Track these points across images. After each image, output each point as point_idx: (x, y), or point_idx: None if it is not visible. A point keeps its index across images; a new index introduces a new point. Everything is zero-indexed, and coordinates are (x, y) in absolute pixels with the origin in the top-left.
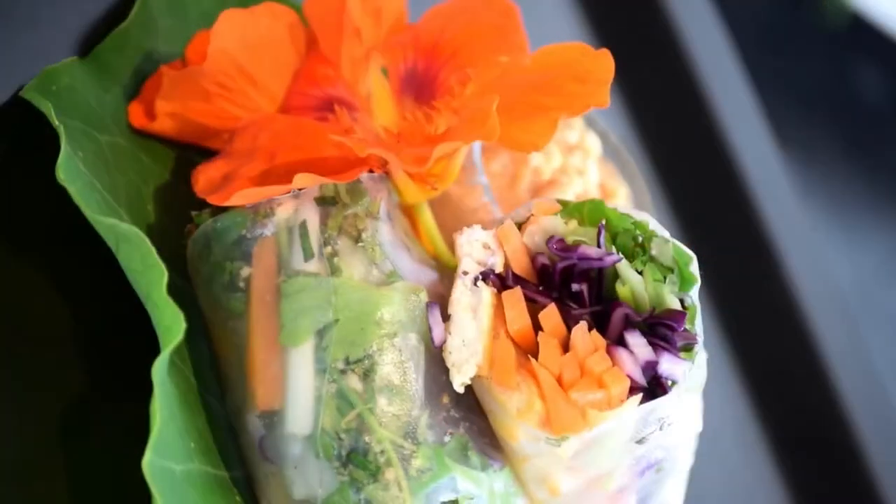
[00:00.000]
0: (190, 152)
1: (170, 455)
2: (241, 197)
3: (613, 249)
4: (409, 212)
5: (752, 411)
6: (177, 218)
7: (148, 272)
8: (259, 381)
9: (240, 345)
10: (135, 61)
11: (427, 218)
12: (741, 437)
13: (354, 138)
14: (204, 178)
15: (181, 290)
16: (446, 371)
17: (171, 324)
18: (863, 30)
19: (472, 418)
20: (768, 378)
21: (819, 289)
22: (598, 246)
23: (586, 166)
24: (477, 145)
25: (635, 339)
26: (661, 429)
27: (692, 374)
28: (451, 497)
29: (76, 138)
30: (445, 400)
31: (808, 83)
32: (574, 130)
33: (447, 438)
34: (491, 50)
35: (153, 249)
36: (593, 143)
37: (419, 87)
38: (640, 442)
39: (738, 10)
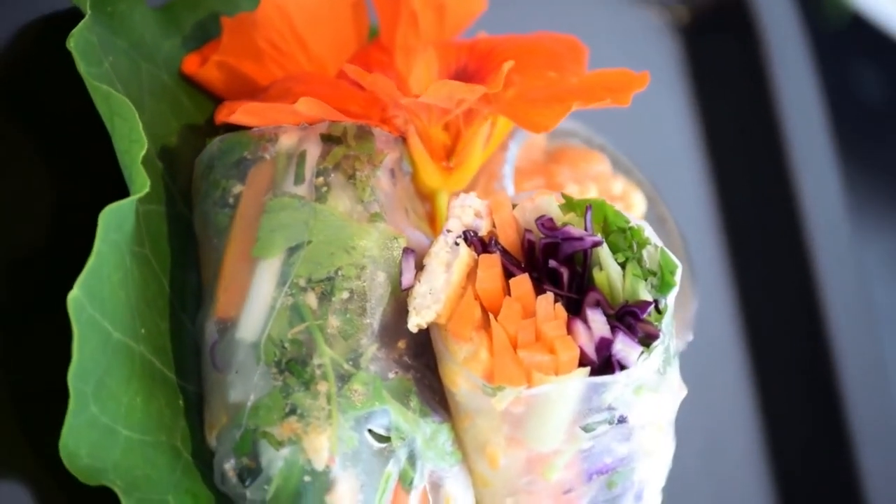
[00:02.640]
0: None
1: (109, 316)
2: (246, 112)
3: (600, 236)
4: (429, 200)
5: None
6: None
7: (131, 148)
8: (223, 290)
9: (217, 259)
10: (204, 22)
11: (444, 207)
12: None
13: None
14: (227, 109)
15: (188, 222)
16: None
17: (138, 188)
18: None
19: (425, 372)
20: (779, 390)
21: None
22: (585, 229)
23: None
24: (511, 157)
25: (595, 316)
26: (610, 423)
27: (651, 369)
28: (382, 432)
29: (113, 52)
30: (401, 345)
31: None
32: (619, 182)
33: (391, 376)
34: (544, 69)
35: (140, 125)
36: (638, 200)
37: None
38: (586, 430)
39: None
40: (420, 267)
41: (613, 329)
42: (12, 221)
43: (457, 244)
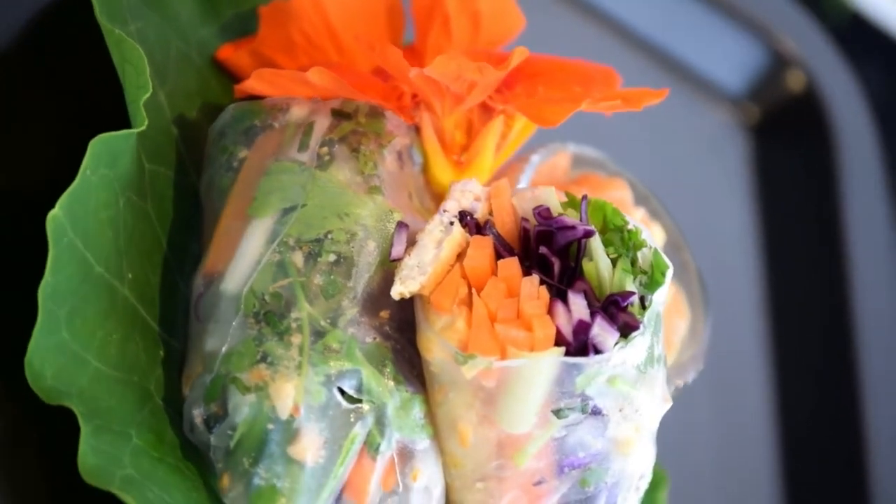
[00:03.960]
0: None
1: (92, 249)
2: (259, 77)
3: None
4: (440, 198)
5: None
6: None
7: (138, 95)
8: (214, 246)
9: (215, 220)
10: (245, 16)
11: None
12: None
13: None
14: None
15: (197, 193)
16: None
17: (137, 126)
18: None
19: (406, 346)
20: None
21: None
22: (580, 220)
23: None
24: (530, 169)
25: (577, 300)
26: (583, 412)
27: (629, 361)
28: (352, 393)
29: (143, 20)
30: (383, 315)
31: None
32: (639, 212)
33: (368, 340)
34: (572, 85)
35: (147, 71)
36: (657, 232)
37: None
38: (558, 415)
39: None
40: (413, 243)
41: (593, 314)
42: (18, 169)
43: (451, 224)
